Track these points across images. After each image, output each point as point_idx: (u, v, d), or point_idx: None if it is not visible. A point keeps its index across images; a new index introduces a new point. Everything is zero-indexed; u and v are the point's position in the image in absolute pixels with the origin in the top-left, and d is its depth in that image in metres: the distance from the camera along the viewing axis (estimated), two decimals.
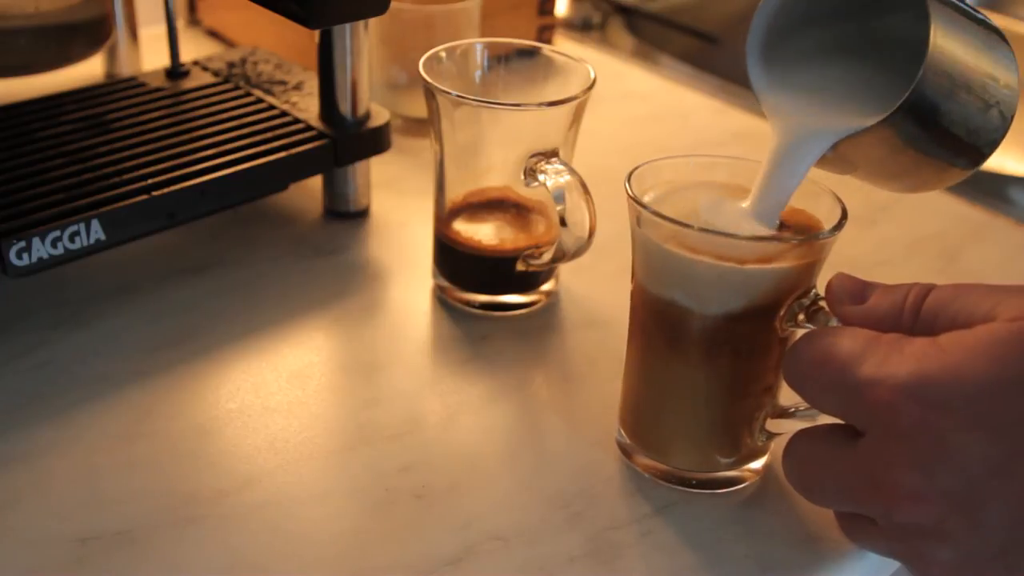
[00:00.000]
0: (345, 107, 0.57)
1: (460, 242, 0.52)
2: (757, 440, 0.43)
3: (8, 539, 0.40)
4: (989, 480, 0.32)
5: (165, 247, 0.57)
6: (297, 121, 0.58)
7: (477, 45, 0.54)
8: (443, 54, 0.52)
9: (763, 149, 0.45)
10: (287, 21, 0.50)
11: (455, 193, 0.52)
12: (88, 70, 0.69)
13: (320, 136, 0.57)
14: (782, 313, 0.40)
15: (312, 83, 0.62)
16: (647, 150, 0.73)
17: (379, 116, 0.59)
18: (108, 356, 0.49)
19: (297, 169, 0.56)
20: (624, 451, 0.45)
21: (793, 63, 0.43)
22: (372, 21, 0.57)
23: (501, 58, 0.54)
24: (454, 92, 0.48)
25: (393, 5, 0.53)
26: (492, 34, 0.77)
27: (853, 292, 0.38)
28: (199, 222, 0.53)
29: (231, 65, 0.65)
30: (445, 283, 0.54)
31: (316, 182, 0.62)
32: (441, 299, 0.55)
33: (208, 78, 0.63)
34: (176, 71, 0.63)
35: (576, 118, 0.50)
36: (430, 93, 0.50)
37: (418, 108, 0.71)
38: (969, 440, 0.32)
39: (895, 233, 0.64)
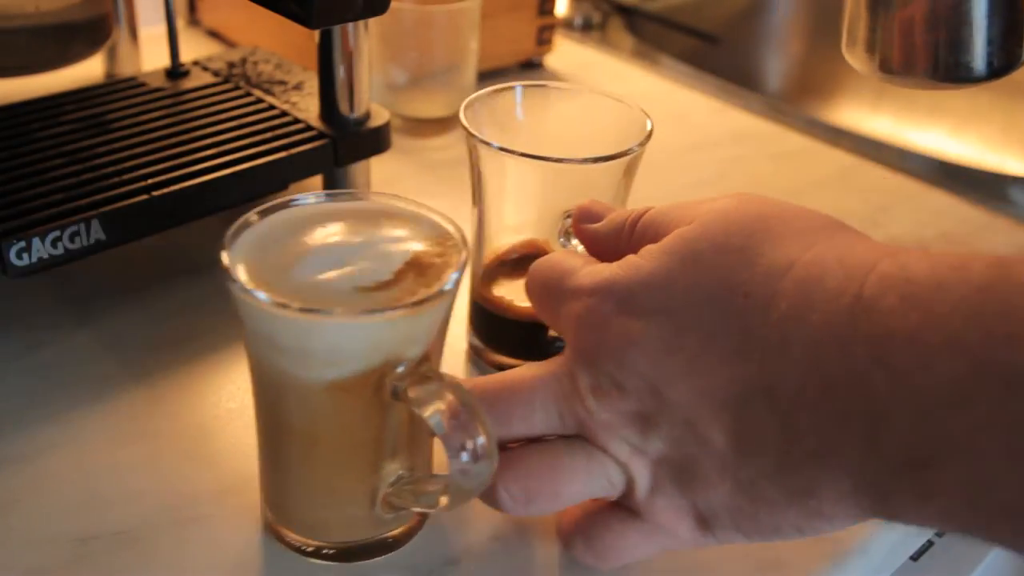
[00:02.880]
0: (345, 107, 0.57)
1: (496, 303, 0.49)
2: (382, 514, 0.38)
3: (8, 539, 0.40)
4: (668, 358, 0.34)
5: (165, 247, 0.57)
6: (297, 121, 0.58)
7: (518, 88, 0.49)
8: (485, 97, 0.48)
9: (763, 149, 0.45)
10: (287, 21, 0.50)
11: (493, 248, 0.49)
12: (88, 70, 0.69)
13: (320, 136, 0.57)
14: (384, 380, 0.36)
15: (312, 83, 0.62)
16: (647, 150, 0.73)
17: (379, 116, 0.59)
18: (108, 356, 0.49)
19: (297, 169, 0.56)
20: (272, 530, 0.40)
21: None
22: (372, 21, 0.57)
23: (543, 97, 0.50)
24: (495, 144, 0.44)
25: (393, 5, 0.53)
26: (492, 34, 0.77)
27: (592, 214, 0.41)
28: (199, 222, 0.53)
29: (231, 65, 0.65)
30: (480, 344, 0.51)
31: (316, 182, 0.62)
32: (475, 361, 0.51)
33: (208, 78, 0.63)
34: (176, 71, 0.63)
35: (629, 172, 0.46)
36: (471, 142, 0.45)
37: (418, 108, 0.72)
38: (648, 325, 0.35)
39: (895, 233, 0.64)
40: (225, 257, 0.35)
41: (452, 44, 0.70)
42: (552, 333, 0.47)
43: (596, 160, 0.44)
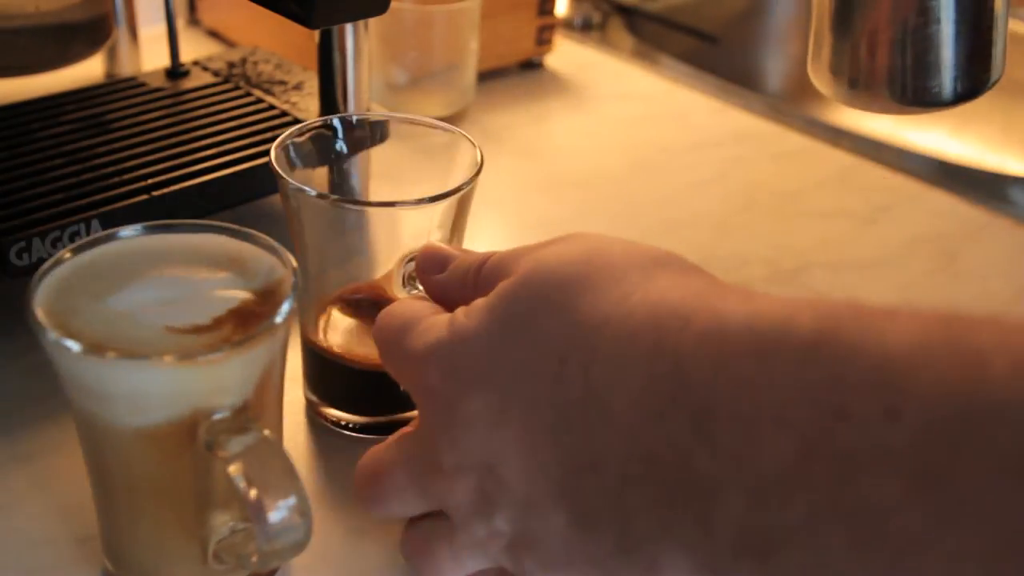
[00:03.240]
0: (345, 107, 0.57)
1: (327, 351, 0.44)
2: (215, 567, 0.36)
3: (8, 539, 0.40)
4: (493, 433, 0.32)
5: None
6: (297, 121, 0.58)
7: (335, 121, 0.45)
8: (299, 137, 0.44)
9: (763, 149, 0.45)
10: (287, 21, 0.50)
11: (323, 293, 0.44)
12: (88, 70, 0.69)
13: None
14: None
15: (312, 83, 0.62)
16: (647, 150, 0.74)
17: None
18: None
19: None
20: None
21: None
22: (372, 21, 0.57)
23: (367, 131, 0.46)
24: (311, 190, 0.40)
25: (393, 5, 0.53)
26: (492, 34, 0.77)
27: (436, 261, 0.38)
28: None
29: (231, 65, 0.65)
30: (315, 399, 0.46)
31: None
32: (312, 418, 0.46)
33: (208, 78, 0.63)
34: (176, 71, 0.63)
35: (462, 210, 0.42)
36: (283, 189, 0.42)
37: (418, 108, 0.72)
38: (471, 398, 0.32)
39: (894, 233, 0.64)
40: (30, 294, 0.33)
41: (452, 44, 0.70)
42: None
43: (420, 202, 0.39)
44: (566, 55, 0.86)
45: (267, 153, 0.55)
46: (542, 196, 0.66)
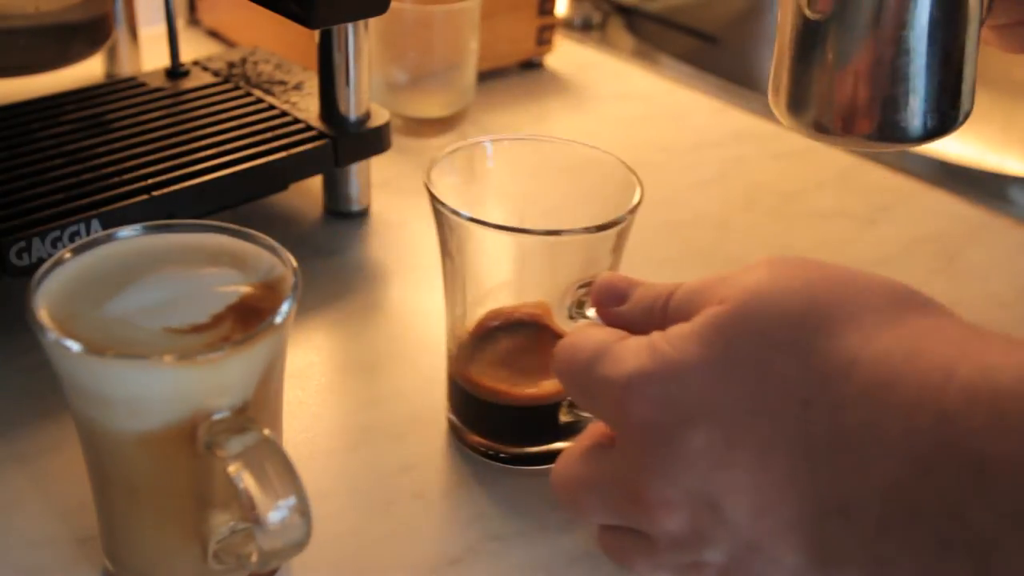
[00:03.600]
0: (345, 107, 0.57)
1: (482, 388, 0.43)
2: (215, 567, 0.36)
3: (8, 539, 0.40)
4: (717, 472, 0.31)
5: None
6: (297, 121, 0.58)
7: (487, 144, 0.44)
8: (451, 156, 0.43)
9: (764, 149, 0.45)
10: (287, 21, 0.50)
11: (472, 320, 0.43)
12: (88, 70, 0.69)
13: (320, 136, 0.57)
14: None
15: (312, 83, 0.62)
16: (647, 150, 0.73)
17: (379, 116, 0.59)
18: None
19: (297, 169, 0.56)
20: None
21: None
22: (372, 21, 0.57)
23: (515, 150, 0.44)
24: (466, 214, 0.39)
25: (393, 5, 0.53)
26: (492, 34, 0.77)
27: (616, 292, 0.37)
28: None
29: (231, 65, 0.65)
30: (460, 425, 0.45)
31: (316, 182, 0.62)
32: (455, 443, 0.46)
33: (208, 78, 0.63)
34: (176, 71, 0.63)
35: (622, 239, 0.41)
36: (438, 212, 0.40)
37: (418, 108, 0.72)
38: (691, 434, 0.31)
39: (894, 233, 0.64)
40: (30, 295, 0.34)
41: (452, 44, 0.70)
42: (564, 417, 0.43)
43: (588, 231, 0.39)
44: (566, 55, 0.86)
45: (267, 153, 0.55)
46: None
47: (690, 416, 0.31)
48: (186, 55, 0.64)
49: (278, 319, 0.33)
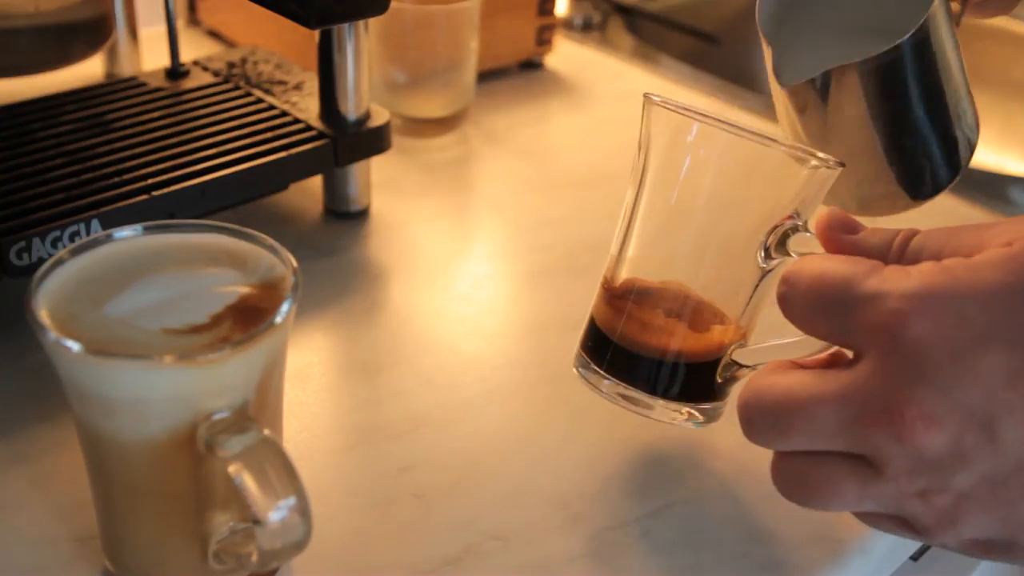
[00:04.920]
0: (345, 107, 0.57)
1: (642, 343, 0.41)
2: (215, 567, 0.36)
3: (8, 539, 0.40)
4: (1005, 392, 0.31)
5: None
6: (297, 121, 0.58)
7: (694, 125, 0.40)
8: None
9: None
10: (287, 21, 0.50)
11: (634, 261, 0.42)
12: (88, 70, 0.69)
13: (320, 136, 0.57)
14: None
15: (312, 83, 0.62)
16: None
17: (379, 116, 0.59)
18: None
19: (297, 169, 0.56)
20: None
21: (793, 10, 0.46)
22: (372, 21, 0.57)
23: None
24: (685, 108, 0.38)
25: (393, 5, 0.53)
26: (492, 34, 0.77)
27: (845, 223, 0.37)
28: None
29: (231, 65, 0.65)
30: (610, 379, 0.43)
31: (316, 182, 0.62)
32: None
33: (208, 78, 0.63)
34: (176, 71, 0.63)
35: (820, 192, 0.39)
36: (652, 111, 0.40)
37: (418, 108, 0.72)
38: (985, 351, 0.31)
39: None
40: (30, 296, 0.33)
41: (452, 44, 0.70)
42: (722, 376, 0.42)
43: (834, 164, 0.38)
44: (566, 55, 0.86)
45: (267, 153, 0.55)
46: (542, 196, 0.66)
47: (987, 335, 0.31)
48: (186, 55, 0.64)
49: (278, 319, 0.33)
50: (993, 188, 0.72)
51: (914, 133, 0.45)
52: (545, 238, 0.61)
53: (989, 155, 0.97)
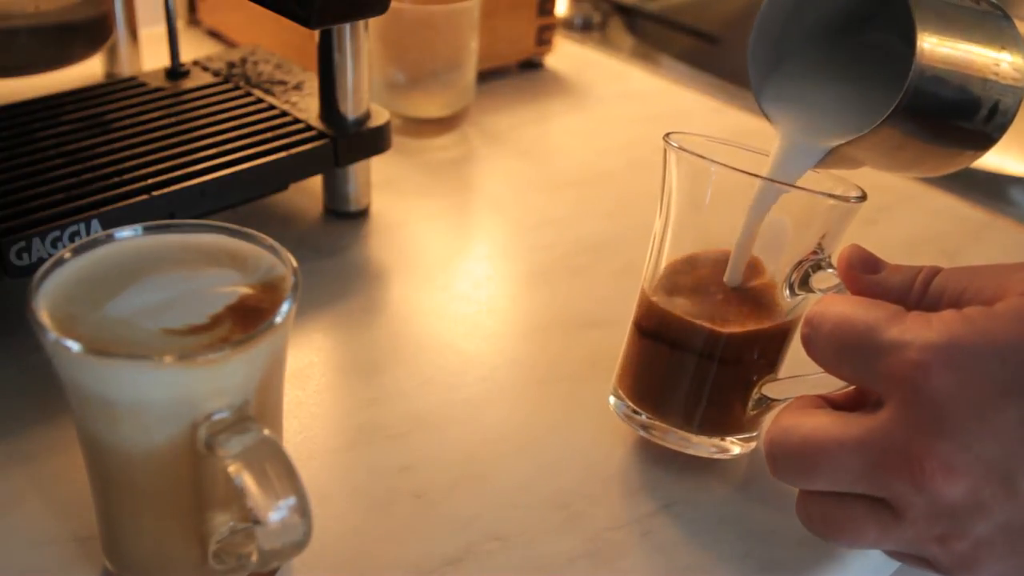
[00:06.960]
0: (345, 107, 0.57)
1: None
2: (215, 567, 0.36)
3: (8, 539, 0.40)
4: (1022, 447, 0.31)
5: None
6: (297, 121, 0.58)
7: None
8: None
9: (764, 149, 0.44)
10: (287, 21, 0.50)
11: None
12: (88, 70, 0.69)
13: (320, 136, 0.57)
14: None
15: (312, 83, 0.62)
16: (646, 150, 0.73)
17: (379, 116, 0.59)
18: None
19: (297, 169, 0.56)
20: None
21: (787, 80, 0.43)
22: (372, 21, 0.57)
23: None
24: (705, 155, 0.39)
25: (393, 5, 0.53)
26: (492, 34, 0.77)
27: (867, 261, 0.37)
28: None
29: (231, 65, 0.65)
30: (646, 418, 0.44)
31: (316, 182, 0.62)
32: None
33: (208, 78, 0.63)
34: (176, 71, 0.63)
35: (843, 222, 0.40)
36: (675, 157, 0.42)
37: (418, 108, 0.72)
38: (1005, 406, 0.31)
39: (895, 233, 0.64)
40: (30, 296, 0.33)
41: (452, 44, 0.70)
42: (756, 393, 0.42)
43: (849, 199, 0.38)
44: (566, 55, 0.86)
45: (267, 153, 0.55)
46: (542, 196, 0.66)
47: (1007, 390, 0.31)
48: (186, 55, 0.64)
49: (278, 319, 0.33)
50: (993, 188, 0.72)
51: (964, 133, 0.43)
52: (545, 238, 0.61)
53: (989, 155, 0.97)
